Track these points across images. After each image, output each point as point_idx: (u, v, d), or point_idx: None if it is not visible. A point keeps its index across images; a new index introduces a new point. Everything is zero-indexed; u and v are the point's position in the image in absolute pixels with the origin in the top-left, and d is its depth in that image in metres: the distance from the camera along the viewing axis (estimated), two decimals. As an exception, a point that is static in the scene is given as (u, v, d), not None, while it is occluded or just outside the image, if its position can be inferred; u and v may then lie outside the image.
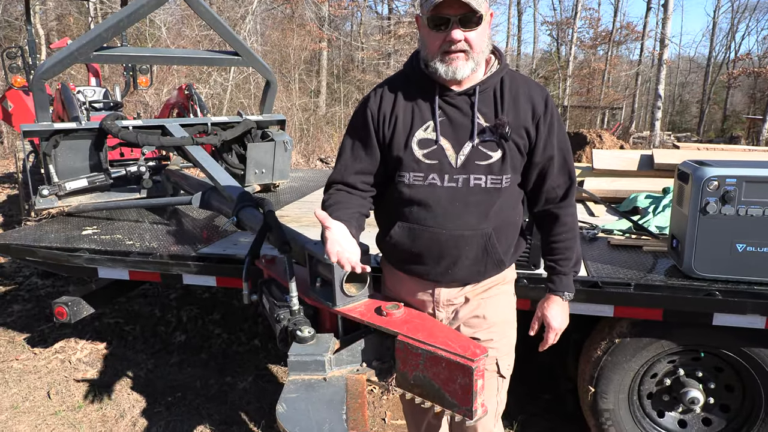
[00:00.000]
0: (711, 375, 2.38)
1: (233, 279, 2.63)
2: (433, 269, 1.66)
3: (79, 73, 12.00)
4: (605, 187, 3.69)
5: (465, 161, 1.56)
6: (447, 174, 1.57)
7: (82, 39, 3.35)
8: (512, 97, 1.57)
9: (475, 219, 1.59)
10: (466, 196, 1.57)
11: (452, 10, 1.45)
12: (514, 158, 1.58)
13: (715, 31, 29.05)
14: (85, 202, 3.56)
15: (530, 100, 1.58)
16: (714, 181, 2.05)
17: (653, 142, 15.99)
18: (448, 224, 1.58)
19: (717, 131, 26.64)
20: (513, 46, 28.37)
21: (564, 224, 1.70)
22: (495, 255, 1.65)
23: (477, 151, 1.55)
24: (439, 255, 1.63)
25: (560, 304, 1.75)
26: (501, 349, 1.74)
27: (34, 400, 3.13)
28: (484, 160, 1.56)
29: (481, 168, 1.56)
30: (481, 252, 1.63)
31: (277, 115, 4.33)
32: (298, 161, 11.93)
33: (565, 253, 1.72)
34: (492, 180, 1.57)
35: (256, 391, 3.22)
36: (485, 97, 1.58)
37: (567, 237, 1.71)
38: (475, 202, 1.58)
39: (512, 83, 1.59)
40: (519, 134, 1.56)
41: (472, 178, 1.57)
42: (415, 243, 1.63)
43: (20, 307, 4.35)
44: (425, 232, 1.60)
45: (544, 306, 1.77)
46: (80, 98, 5.75)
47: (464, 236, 1.59)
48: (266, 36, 18.05)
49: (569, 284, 1.74)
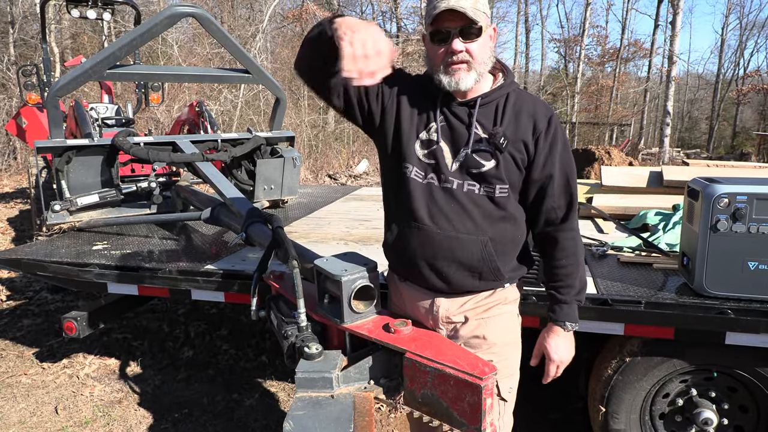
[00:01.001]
0: (724, 395, 2.33)
1: (241, 295, 2.64)
2: (429, 276, 1.65)
3: (92, 90, 12.19)
4: (614, 204, 3.68)
5: (459, 167, 1.60)
6: (443, 175, 1.61)
7: (96, 57, 3.41)
8: (514, 112, 1.59)
9: (470, 223, 1.60)
10: (460, 200, 1.60)
11: (452, 23, 1.50)
12: (510, 171, 1.59)
13: (723, 48, 29.13)
14: (96, 217, 3.59)
15: (533, 117, 1.59)
16: (724, 199, 2.03)
17: (662, 158, 15.94)
18: (443, 224, 1.60)
19: (727, 148, 26.53)
20: (521, 63, 28.57)
21: (564, 249, 1.66)
22: (491, 263, 1.62)
23: (471, 159, 1.59)
24: (433, 256, 1.63)
25: (562, 335, 1.69)
26: (501, 371, 1.65)
27: (42, 415, 3.13)
28: (477, 168, 1.59)
29: (474, 175, 1.59)
30: (476, 259, 1.61)
31: (287, 132, 4.37)
32: (306, 177, 12.00)
33: (565, 280, 1.67)
34: (485, 188, 1.60)
35: (263, 408, 3.20)
36: (487, 110, 1.60)
37: (567, 263, 1.67)
38: (469, 207, 1.60)
39: (518, 100, 1.61)
40: (516, 148, 1.58)
41: (466, 184, 1.60)
42: (409, 243, 1.65)
43: (30, 321, 4.37)
44: (421, 231, 1.62)
45: (544, 336, 1.73)
46: (93, 115, 5.85)
47: (458, 239, 1.60)
48: (276, 54, 18.29)
49: (571, 314, 1.68)
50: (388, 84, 1.63)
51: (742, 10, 39.94)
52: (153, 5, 17.93)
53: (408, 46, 18.99)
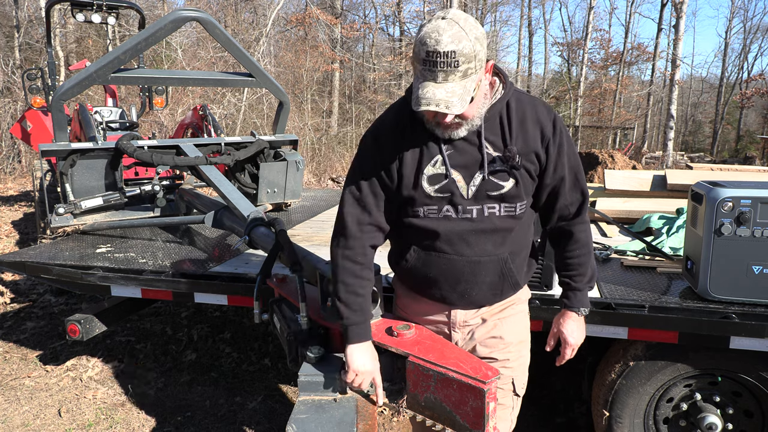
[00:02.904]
0: (729, 400, 2.32)
1: (244, 298, 2.64)
2: (449, 294, 1.66)
3: (96, 93, 12.25)
4: (618, 208, 3.67)
5: (476, 192, 1.53)
6: (460, 206, 1.54)
7: (100, 61, 3.43)
8: (519, 122, 1.53)
9: (491, 246, 1.58)
10: (481, 226, 1.56)
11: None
12: (526, 184, 1.56)
13: (727, 52, 29.08)
14: (100, 220, 3.61)
15: (538, 123, 1.54)
16: (728, 202, 2.03)
17: (666, 162, 15.91)
18: (465, 252, 1.58)
19: (731, 151, 26.46)
20: (524, 66, 28.58)
21: (578, 240, 1.69)
22: (511, 278, 1.65)
23: (488, 182, 1.52)
24: (456, 281, 1.62)
25: (576, 319, 1.75)
26: (517, 369, 1.73)
27: (45, 417, 3.13)
28: (496, 190, 1.53)
29: (493, 198, 1.54)
30: (498, 277, 1.63)
31: (290, 135, 4.38)
32: (309, 181, 12.01)
33: (579, 269, 1.71)
34: (506, 208, 1.56)
35: (266, 411, 3.20)
36: (492, 125, 1.52)
37: (581, 253, 1.70)
38: (491, 230, 1.57)
39: (518, 106, 1.54)
40: (529, 160, 1.54)
41: (486, 209, 1.55)
42: (431, 269, 1.63)
43: (34, 324, 4.38)
44: (441, 259, 1.60)
45: (560, 322, 1.76)
46: (97, 118, 5.87)
47: (481, 262, 1.59)
48: (280, 57, 18.36)
49: (584, 300, 1.74)
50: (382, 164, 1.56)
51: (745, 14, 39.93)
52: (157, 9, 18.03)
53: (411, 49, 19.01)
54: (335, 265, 1.64)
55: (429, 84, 1.35)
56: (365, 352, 1.61)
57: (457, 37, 1.31)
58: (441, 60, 1.32)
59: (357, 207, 1.61)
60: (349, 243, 1.61)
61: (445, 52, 1.31)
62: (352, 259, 1.62)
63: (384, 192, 1.60)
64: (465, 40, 1.32)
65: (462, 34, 1.32)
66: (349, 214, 1.61)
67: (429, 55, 1.33)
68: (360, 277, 1.62)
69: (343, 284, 1.62)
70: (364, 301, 1.62)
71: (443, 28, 1.32)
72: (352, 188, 1.62)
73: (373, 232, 1.63)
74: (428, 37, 1.32)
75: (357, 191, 1.60)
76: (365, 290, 1.63)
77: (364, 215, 1.61)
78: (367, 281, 1.64)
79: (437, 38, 1.31)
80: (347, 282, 1.61)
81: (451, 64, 1.32)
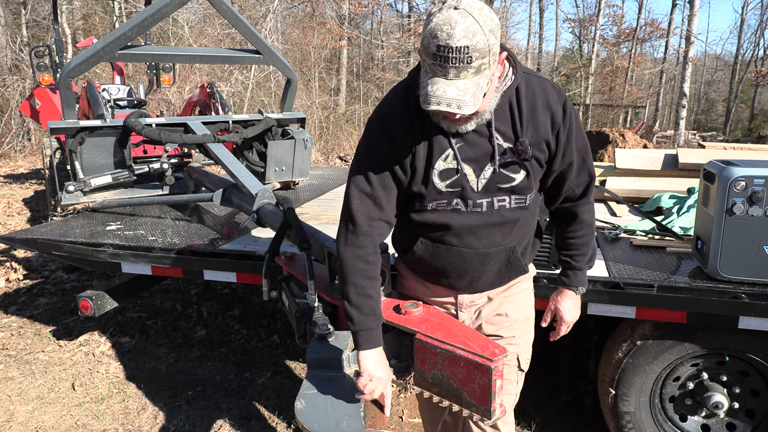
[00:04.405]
0: (736, 379, 2.33)
1: (253, 275, 2.66)
2: (457, 282, 1.66)
3: (104, 71, 12.22)
4: (628, 187, 3.64)
5: (486, 184, 1.49)
6: (470, 199, 1.50)
7: (107, 38, 3.41)
8: (530, 109, 1.46)
9: (500, 237, 1.57)
10: (491, 219, 1.54)
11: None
12: (536, 174, 1.53)
13: (743, 28, 28.40)
14: (110, 198, 3.63)
15: (548, 109, 1.48)
16: (741, 182, 2.00)
17: (677, 141, 15.70)
18: (474, 244, 1.56)
19: (744, 130, 26.06)
20: (534, 43, 28.12)
21: (582, 221, 1.68)
22: (518, 266, 1.65)
23: (499, 175, 1.48)
24: (464, 271, 1.62)
25: (573, 298, 1.76)
26: (522, 345, 1.75)
27: (59, 391, 3.20)
28: (507, 182, 1.50)
29: (504, 190, 1.51)
30: (505, 265, 1.63)
31: (297, 113, 4.36)
32: (317, 159, 11.99)
33: (580, 249, 1.71)
34: (516, 200, 1.53)
35: (275, 386, 3.25)
36: (501, 113, 1.45)
37: (584, 233, 1.69)
38: (500, 222, 1.55)
39: (528, 92, 1.46)
40: (540, 149, 1.49)
41: (496, 201, 1.52)
42: (439, 260, 1.62)
43: (46, 300, 4.45)
44: (450, 251, 1.58)
45: (557, 299, 1.78)
46: (105, 96, 5.87)
47: (489, 253, 1.58)
48: (287, 34, 18.17)
49: (583, 279, 1.74)
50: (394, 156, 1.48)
51: (763, -11, 38.85)
52: (163, -15, 17.79)
53: (419, 26, 18.75)
54: (345, 265, 1.54)
55: (439, 80, 1.25)
56: (379, 357, 1.55)
57: (471, 31, 1.21)
58: (453, 56, 1.22)
59: (367, 201, 1.51)
60: (360, 240, 1.52)
61: (458, 47, 1.21)
62: (364, 258, 1.53)
63: (396, 185, 1.51)
64: (479, 33, 1.21)
65: (476, 27, 1.21)
66: (358, 209, 1.52)
67: (440, 50, 1.22)
68: (372, 278, 1.55)
69: (353, 286, 1.53)
70: (375, 304, 1.54)
71: (456, 20, 1.20)
72: (360, 181, 1.52)
73: (382, 227, 1.55)
74: (439, 29, 1.21)
75: (366, 184, 1.51)
76: (377, 291, 1.56)
77: (375, 210, 1.52)
78: (377, 281, 1.57)
79: (449, 32, 1.20)
80: (358, 284, 1.53)
81: (464, 60, 1.22)
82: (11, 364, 3.47)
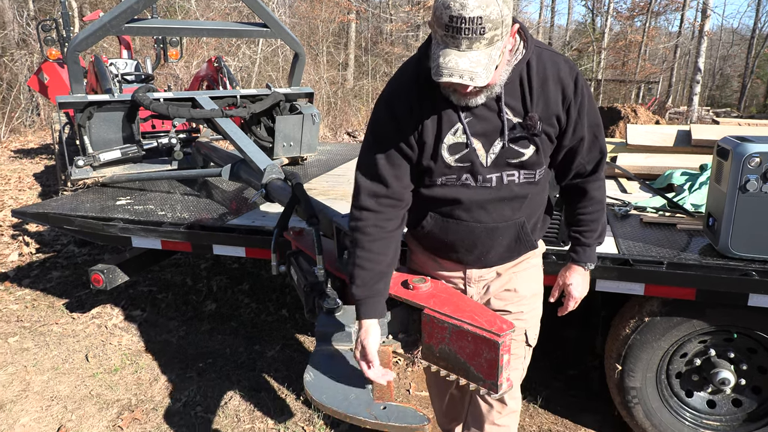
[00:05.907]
0: (743, 356, 2.33)
1: (262, 250, 2.67)
2: (466, 257, 1.66)
3: (111, 45, 12.15)
4: (639, 164, 3.60)
5: (496, 159, 1.48)
6: (480, 174, 1.50)
7: (113, 11, 3.38)
8: (540, 83, 1.44)
9: (509, 211, 1.57)
10: (500, 194, 1.53)
11: None
12: (546, 149, 1.51)
13: (761, 1, 27.62)
14: (119, 173, 3.64)
15: (559, 83, 1.45)
16: (755, 158, 1.97)
17: (691, 117, 15.45)
18: (483, 218, 1.56)
19: (759, 106, 25.60)
20: (546, 17, 27.58)
21: (592, 198, 1.67)
22: (527, 241, 1.64)
23: (509, 150, 1.47)
24: (473, 245, 1.62)
25: (582, 273, 1.76)
26: (530, 321, 1.76)
27: (74, 362, 3.27)
28: (517, 157, 1.49)
29: (513, 165, 1.50)
30: (514, 240, 1.62)
31: (305, 88, 4.32)
32: (325, 135, 11.94)
33: (590, 225, 1.70)
34: (525, 175, 1.52)
35: (284, 359, 3.29)
36: (511, 88, 1.43)
37: (595, 209, 1.69)
38: (510, 197, 1.54)
39: (539, 65, 1.44)
40: (550, 123, 1.47)
41: (505, 176, 1.51)
42: (448, 235, 1.62)
43: (59, 273, 4.51)
44: (460, 226, 1.58)
45: (566, 275, 1.77)
46: (113, 71, 5.85)
47: (498, 228, 1.58)
48: (294, 8, 17.93)
49: (592, 255, 1.73)
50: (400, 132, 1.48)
51: (784, -40, 37.67)
52: (169, -43, 17.58)
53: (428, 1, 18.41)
54: (350, 242, 1.59)
55: (451, 52, 1.24)
56: (376, 329, 1.54)
57: (485, 1, 1.20)
58: (466, 26, 1.21)
59: (375, 178, 1.53)
60: (363, 215, 1.55)
61: (471, 17, 1.20)
62: (362, 230, 1.55)
63: (407, 161, 1.52)
64: (493, 4, 1.20)
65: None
66: (364, 188, 1.55)
67: (453, 20, 1.21)
68: (369, 251, 1.55)
69: (351, 256, 1.58)
70: (367, 276, 1.54)
71: None
72: (368, 160, 1.54)
73: (390, 204, 1.55)
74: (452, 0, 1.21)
75: (373, 165, 1.52)
76: (372, 264, 1.54)
77: (381, 188, 1.53)
78: (375, 254, 1.55)
79: (463, 2, 1.19)
80: (357, 255, 1.56)
81: (477, 31, 1.21)
82: (26, 336, 3.54)
